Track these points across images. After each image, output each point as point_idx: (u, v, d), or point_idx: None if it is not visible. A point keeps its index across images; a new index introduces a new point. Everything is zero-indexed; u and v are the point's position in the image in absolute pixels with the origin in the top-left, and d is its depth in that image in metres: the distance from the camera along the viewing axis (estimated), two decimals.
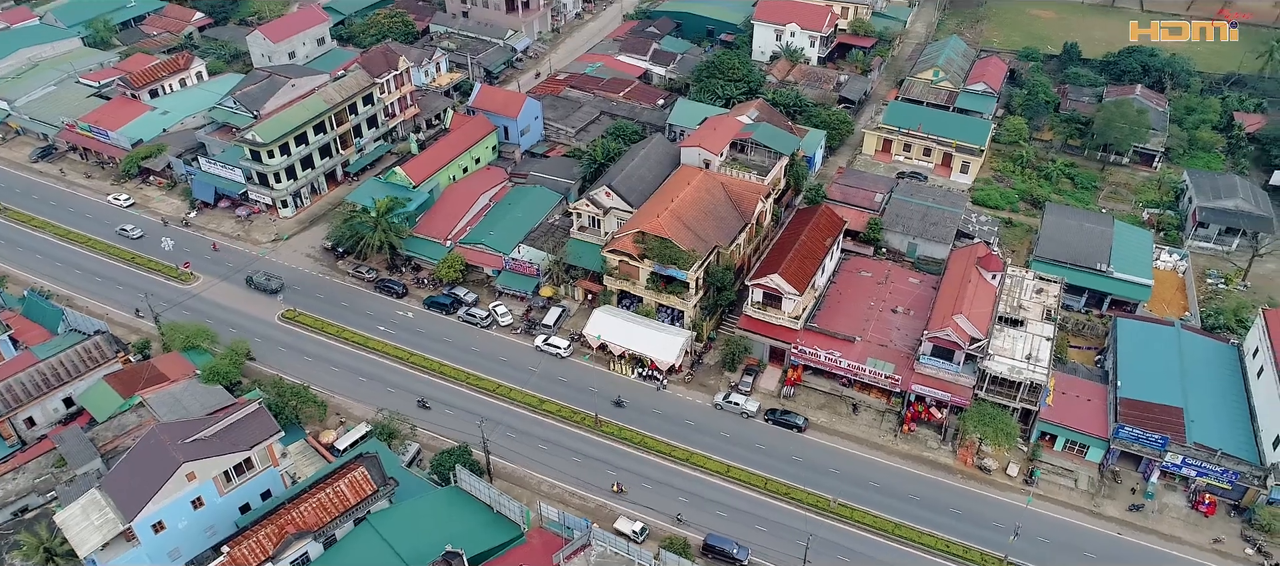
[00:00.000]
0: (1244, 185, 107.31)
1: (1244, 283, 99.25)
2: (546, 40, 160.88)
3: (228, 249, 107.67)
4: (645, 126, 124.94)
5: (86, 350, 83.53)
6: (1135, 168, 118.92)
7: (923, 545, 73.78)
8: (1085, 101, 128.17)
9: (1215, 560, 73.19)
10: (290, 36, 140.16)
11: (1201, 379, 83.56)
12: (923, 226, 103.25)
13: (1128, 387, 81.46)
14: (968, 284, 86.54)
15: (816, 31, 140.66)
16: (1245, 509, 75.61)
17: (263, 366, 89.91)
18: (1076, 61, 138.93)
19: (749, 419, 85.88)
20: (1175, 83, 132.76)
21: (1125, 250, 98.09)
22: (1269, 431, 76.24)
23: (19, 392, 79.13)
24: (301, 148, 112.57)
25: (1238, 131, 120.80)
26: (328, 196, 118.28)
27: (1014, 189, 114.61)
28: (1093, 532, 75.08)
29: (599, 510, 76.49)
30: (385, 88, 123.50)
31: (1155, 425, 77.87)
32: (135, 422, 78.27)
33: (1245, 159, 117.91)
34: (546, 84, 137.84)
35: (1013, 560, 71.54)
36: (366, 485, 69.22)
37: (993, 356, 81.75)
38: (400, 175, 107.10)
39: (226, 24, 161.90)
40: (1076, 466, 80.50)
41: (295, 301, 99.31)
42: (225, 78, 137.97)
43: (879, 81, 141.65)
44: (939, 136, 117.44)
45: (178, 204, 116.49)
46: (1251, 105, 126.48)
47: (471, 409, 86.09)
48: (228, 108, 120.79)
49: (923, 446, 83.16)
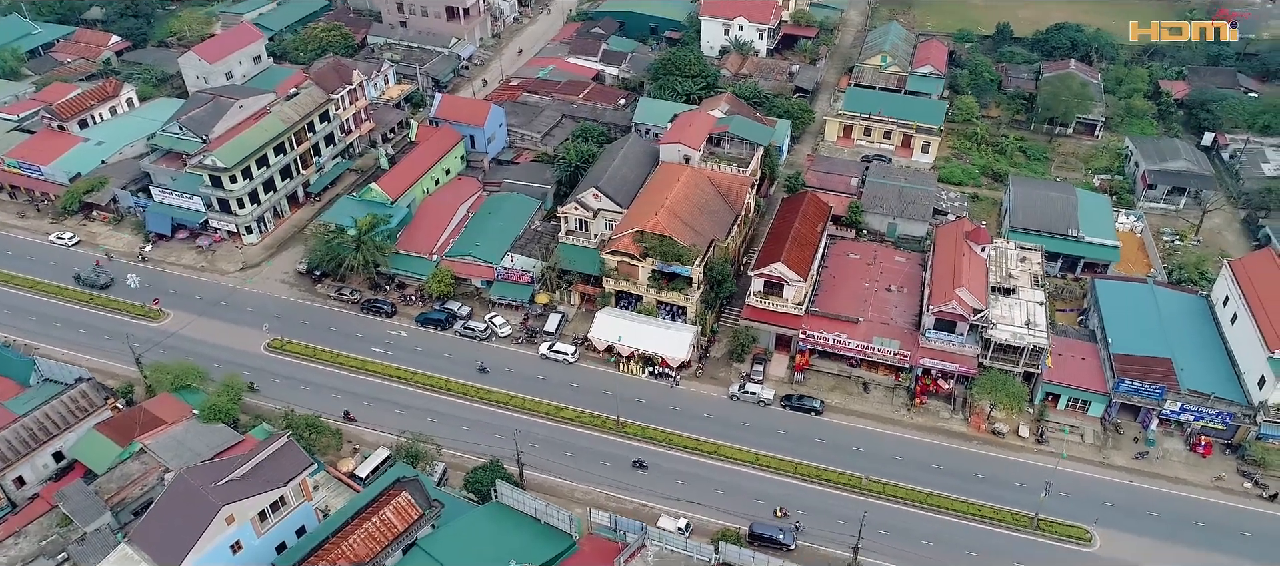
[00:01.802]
0: (1185, 148, 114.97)
1: (1197, 238, 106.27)
2: (488, 46, 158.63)
3: (197, 282, 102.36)
4: (611, 127, 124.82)
5: (72, 400, 78.02)
6: (1080, 137, 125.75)
7: (957, 511, 76.35)
8: (1025, 78, 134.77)
9: (1219, 496, 78.28)
10: (226, 56, 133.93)
11: (1179, 330, 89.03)
12: (900, 206, 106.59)
13: (1118, 344, 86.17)
14: (962, 258, 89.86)
15: (765, 24, 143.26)
16: (1238, 446, 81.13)
17: (260, 401, 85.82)
18: (1010, 41, 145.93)
19: (765, 407, 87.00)
20: (1100, 55, 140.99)
21: (1090, 215, 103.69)
22: (1251, 372, 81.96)
23: (5, 452, 73.30)
24: (263, 170, 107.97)
25: (1166, 98, 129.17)
26: (291, 219, 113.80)
27: (973, 165, 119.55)
28: (1106, 482, 79.19)
29: (638, 512, 76.09)
30: (340, 103, 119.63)
31: (1150, 376, 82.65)
32: (139, 471, 73.63)
33: (1176, 124, 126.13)
34: (502, 90, 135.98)
35: (1043, 516, 74.77)
36: (412, 510, 67.12)
37: (995, 325, 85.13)
38: (376, 191, 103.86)
39: (145, 47, 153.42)
40: (1080, 422, 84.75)
41: (279, 330, 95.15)
42: (158, 103, 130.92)
43: (827, 70, 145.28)
44: (899, 119, 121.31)
45: (129, 239, 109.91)
46: (1174, 73, 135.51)
47: (489, 423, 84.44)
48: (173, 133, 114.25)
49: (935, 417, 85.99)
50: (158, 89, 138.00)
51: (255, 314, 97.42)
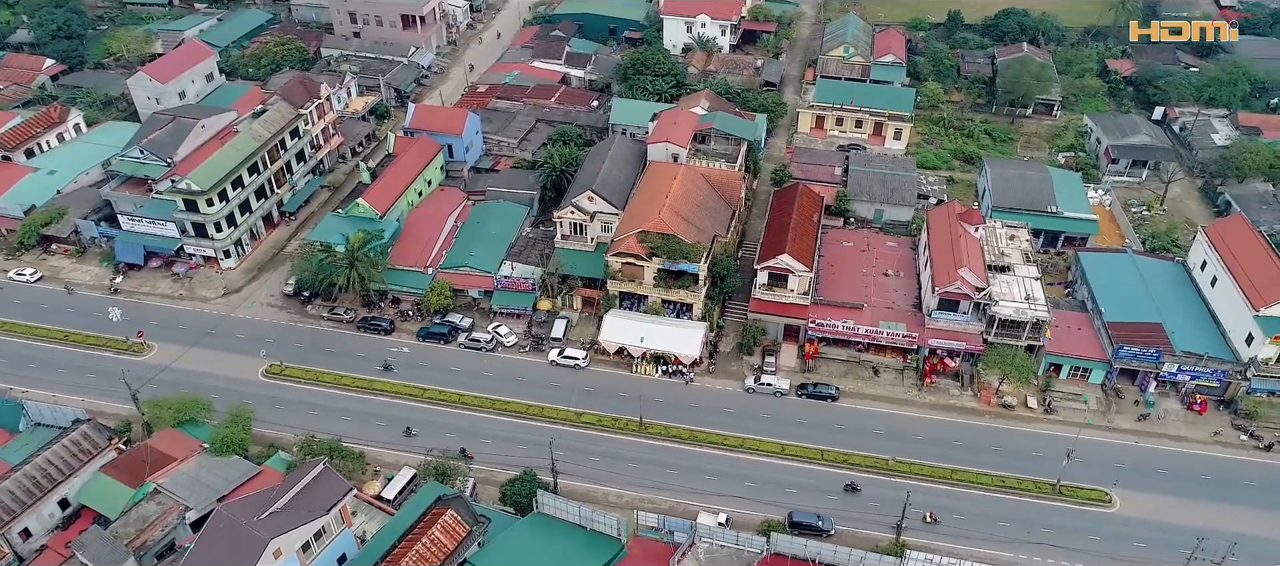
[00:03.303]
0: (1142, 122, 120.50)
1: (1162, 207, 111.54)
2: (445, 54, 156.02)
3: (177, 311, 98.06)
4: (587, 129, 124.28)
5: (74, 443, 73.89)
6: (1040, 118, 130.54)
7: (982, 485, 78.54)
8: (981, 63, 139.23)
9: (1219, 450, 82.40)
10: (179, 75, 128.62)
11: (1163, 295, 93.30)
12: (885, 193, 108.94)
13: (1111, 312, 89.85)
14: (959, 239, 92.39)
15: (728, 20, 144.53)
16: (1230, 402, 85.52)
17: (264, 429, 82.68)
18: (961, 27, 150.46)
19: (782, 397, 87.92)
20: (1047, 38, 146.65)
21: (1065, 191, 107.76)
22: (1237, 331, 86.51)
23: (10, 503, 69.01)
24: (238, 192, 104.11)
25: (1115, 76, 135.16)
26: (269, 240, 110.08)
27: (944, 149, 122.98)
28: (1115, 445, 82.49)
29: (675, 510, 75.96)
30: (309, 119, 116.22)
31: (1146, 341, 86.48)
32: (157, 511, 70.18)
33: (1127, 100, 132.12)
34: (470, 97, 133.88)
35: (1066, 482, 77.53)
36: (459, 528, 65.83)
37: (997, 302, 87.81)
38: (364, 206, 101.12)
39: (82, 69, 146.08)
40: (1082, 390, 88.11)
41: (276, 354, 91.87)
42: (108, 127, 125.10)
43: (789, 63, 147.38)
44: (871, 108, 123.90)
45: (96, 271, 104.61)
46: (1118, 52, 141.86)
47: (509, 435, 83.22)
48: (134, 158, 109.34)
49: (946, 395, 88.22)
50: (104, 113, 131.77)
51: (246, 340, 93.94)
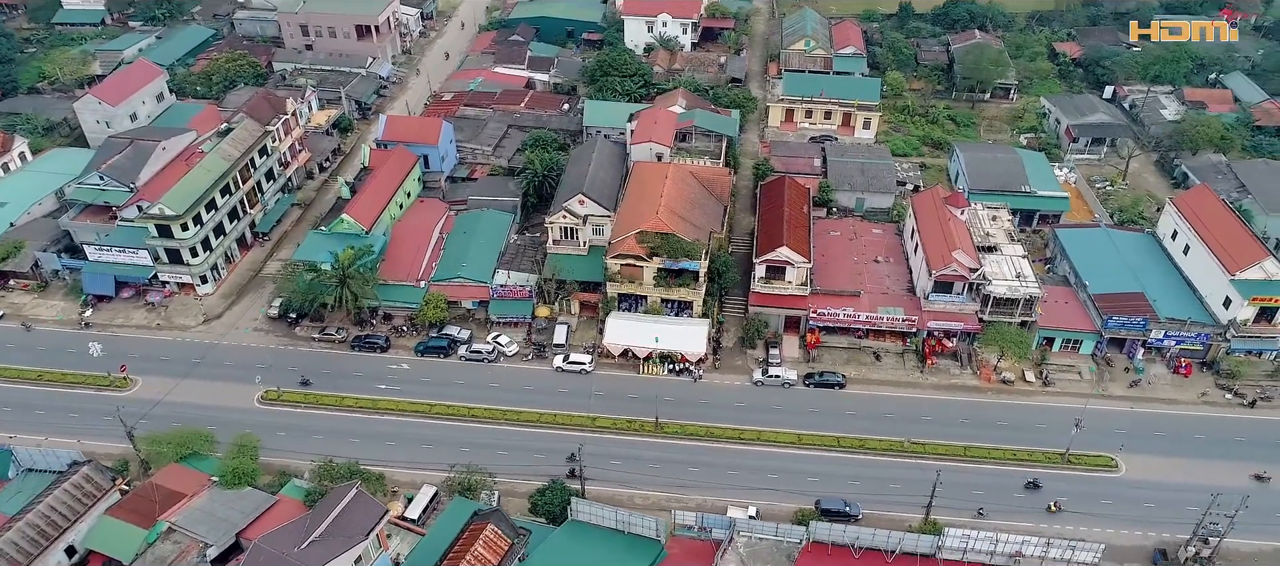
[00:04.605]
0: (1098, 102, 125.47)
1: (1125, 182, 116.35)
2: (401, 63, 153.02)
3: (158, 342, 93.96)
4: (561, 133, 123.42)
5: (76, 487, 70.22)
6: (998, 102, 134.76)
7: (995, 459, 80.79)
8: (937, 50, 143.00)
9: (1207, 410, 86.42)
10: (129, 96, 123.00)
11: (1139, 265, 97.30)
12: (865, 181, 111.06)
13: (1095, 285, 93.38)
14: (948, 223, 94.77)
15: (689, 18, 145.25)
16: (1212, 363, 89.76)
17: (271, 457, 79.73)
18: (913, 17, 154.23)
19: (790, 388, 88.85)
20: (994, 24, 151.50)
21: (1034, 171, 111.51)
22: (1214, 295, 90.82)
23: (15, 555, 65.11)
24: (212, 214, 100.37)
25: (1063, 59, 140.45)
26: (244, 263, 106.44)
27: (913, 136, 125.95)
28: (1112, 412, 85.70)
29: (701, 507, 75.51)
30: (276, 135, 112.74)
31: (1131, 310, 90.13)
32: (174, 550, 67.37)
33: (1077, 81, 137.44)
34: (437, 106, 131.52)
35: (1074, 451, 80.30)
36: (501, 542, 64.81)
37: (991, 281, 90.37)
38: (349, 222, 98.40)
39: (16, 94, 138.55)
40: (1075, 361, 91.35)
41: (270, 380, 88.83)
42: (55, 154, 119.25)
43: (750, 58, 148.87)
44: (840, 99, 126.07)
45: (62, 304, 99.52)
46: (1064, 35, 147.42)
47: (524, 446, 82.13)
48: (93, 185, 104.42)
49: (947, 375, 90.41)
50: (46, 139, 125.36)
51: (236, 367, 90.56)
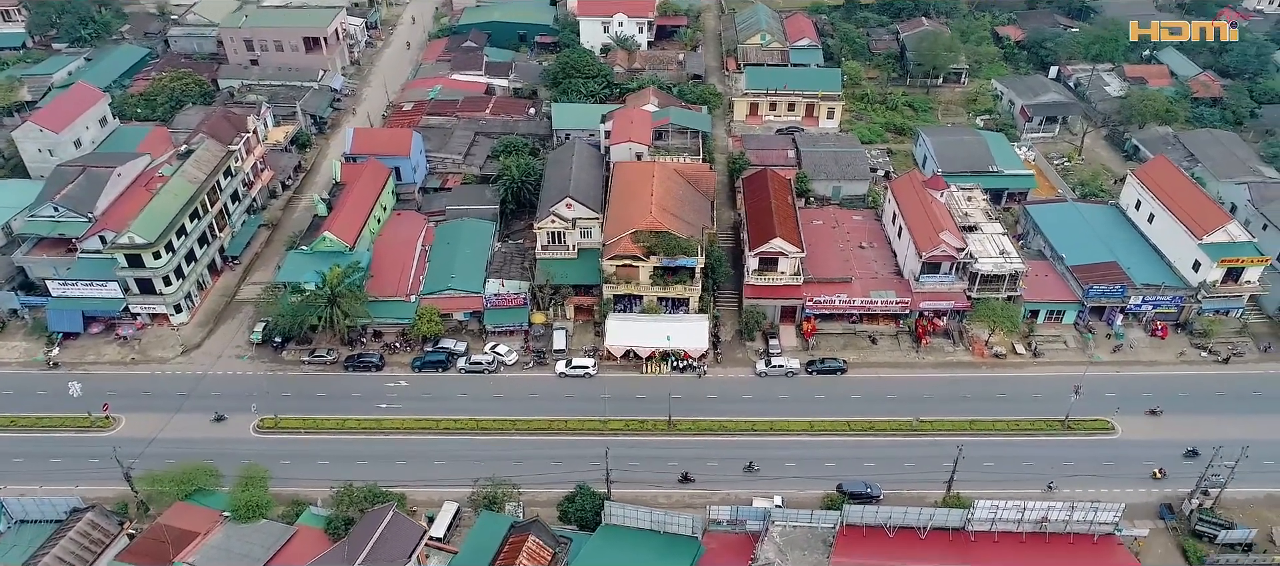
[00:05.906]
0: (1048, 81, 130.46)
1: (1081, 157, 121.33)
2: (351, 75, 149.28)
3: (135, 376, 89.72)
4: (530, 137, 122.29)
5: (82, 534, 66.68)
6: (951, 86, 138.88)
7: (999, 430, 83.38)
8: (888, 39, 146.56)
9: (1186, 368, 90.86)
10: (72, 122, 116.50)
11: (1108, 236, 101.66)
12: (839, 169, 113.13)
13: (1071, 257, 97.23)
14: (931, 205, 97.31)
15: (644, 17, 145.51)
16: (1186, 323, 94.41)
17: (278, 487, 76.91)
18: (860, 8, 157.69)
19: (793, 376, 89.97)
20: (938, 11, 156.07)
21: (997, 151, 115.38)
22: (1182, 260, 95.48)
23: None
24: (182, 240, 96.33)
25: (1007, 42, 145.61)
26: (216, 289, 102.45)
27: (876, 123, 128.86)
28: (1100, 377, 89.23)
29: (726, 500, 75.94)
30: (239, 155, 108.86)
31: (1108, 279, 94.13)
32: None
33: (1022, 63, 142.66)
34: (398, 116, 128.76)
35: (1073, 418, 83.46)
36: (544, 552, 64.08)
37: (978, 260, 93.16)
38: (331, 239, 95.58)
39: None
40: (1059, 331, 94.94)
41: (265, 408, 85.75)
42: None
43: (706, 54, 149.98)
44: (804, 90, 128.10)
45: (24, 345, 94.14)
46: (1006, 19, 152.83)
47: (536, 455, 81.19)
48: (47, 217, 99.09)
49: (942, 353, 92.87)
50: None
51: (225, 397, 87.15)
